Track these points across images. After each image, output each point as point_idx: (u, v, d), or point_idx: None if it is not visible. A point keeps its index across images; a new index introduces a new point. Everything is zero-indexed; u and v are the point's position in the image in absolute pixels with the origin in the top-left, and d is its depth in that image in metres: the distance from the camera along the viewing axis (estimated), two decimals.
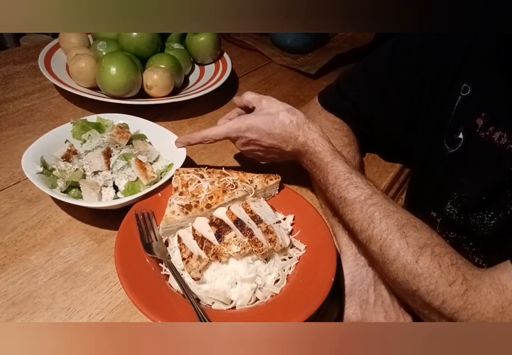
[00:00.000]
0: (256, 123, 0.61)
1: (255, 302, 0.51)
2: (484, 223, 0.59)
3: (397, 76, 0.69)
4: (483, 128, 0.58)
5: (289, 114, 0.62)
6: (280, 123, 0.61)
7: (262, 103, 0.64)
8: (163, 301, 0.47)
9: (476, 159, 0.59)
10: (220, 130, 0.63)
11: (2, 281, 0.54)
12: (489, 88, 0.58)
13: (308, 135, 0.61)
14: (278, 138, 0.62)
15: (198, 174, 0.61)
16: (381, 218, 0.51)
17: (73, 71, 0.85)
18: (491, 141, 0.57)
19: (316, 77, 1.14)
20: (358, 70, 0.78)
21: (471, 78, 0.60)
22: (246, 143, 0.64)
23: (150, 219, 0.57)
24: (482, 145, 0.58)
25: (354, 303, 0.55)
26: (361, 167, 0.75)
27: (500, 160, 0.56)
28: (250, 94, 0.66)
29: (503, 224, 0.56)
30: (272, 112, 0.62)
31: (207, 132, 0.63)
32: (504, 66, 0.56)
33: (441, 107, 0.65)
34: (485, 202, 0.58)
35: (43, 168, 0.61)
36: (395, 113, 0.71)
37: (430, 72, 0.65)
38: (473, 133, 0.59)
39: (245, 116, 0.64)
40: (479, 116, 0.58)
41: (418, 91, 0.67)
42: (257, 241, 0.51)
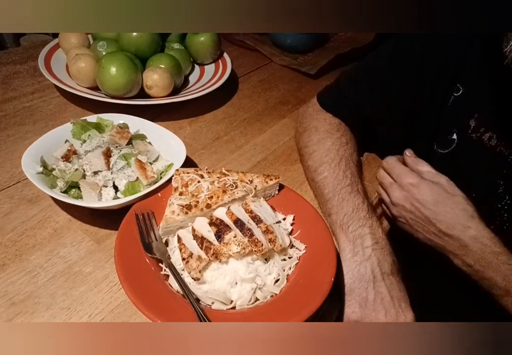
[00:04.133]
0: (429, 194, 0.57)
1: (255, 302, 0.51)
2: None
3: (398, 75, 0.69)
4: (474, 130, 0.58)
5: (465, 202, 0.56)
6: (454, 204, 0.56)
7: (441, 180, 0.58)
8: (163, 301, 0.47)
9: (468, 160, 0.60)
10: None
11: (2, 281, 0.54)
12: (480, 90, 0.58)
13: (482, 232, 0.55)
14: (441, 215, 0.56)
15: (198, 174, 0.61)
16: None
17: (73, 71, 0.85)
18: (481, 142, 0.57)
19: (316, 77, 1.14)
20: (359, 69, 0.78)
21: (465, 79, 0.60)
22: (405, 198, 0.59)
23: (150, 219, 0.57)
24: (473, 147, 0.58)
25: (354, 302, 0.55)
26: (359, 166, 0.75)
27: (490, 161, 0.57)
28: (425, 166, 0.60)
29: (498, 233, 0.57)
30: (449, 191, 0.57)
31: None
32: (496, 69, 0.56)
33: (436, 108, 0.65)
34: (475, 202, 0.59)
35: (43, 168, 0.61)
36: (396, 112, 0.71)
37: (430, 72, 0.65)
38: (465, 134, 0.59)
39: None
40: (472, 117, 0.59)
41: (418, 90, 0.67)
42: (257, 241, 0.51)
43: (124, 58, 0.82)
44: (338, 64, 1.17)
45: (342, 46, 1.27)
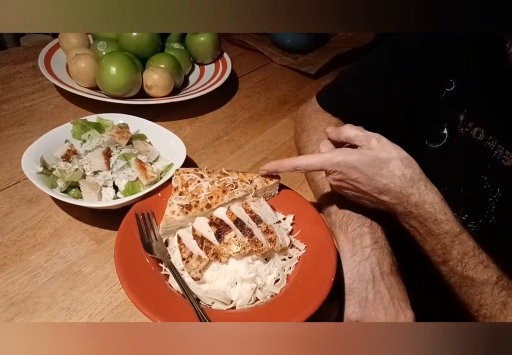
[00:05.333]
0: (359, 163, 0.52)
1: (255, 302, 0.51)
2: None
3: (398, 73, 0.69)
4: (463, 124, 0.59)
5: (402, 165, 0.52)
6: (389, 173, 0.52)
7: (371, 143, 0.53)
8: (163, 301, 0.47)
9: (457, 154, 0.60)
10: (315, 161, 0.54)
11: (2, 281, 0.54)
12: (471, 85, 0.59)
13: (425, 198, 0.52)
14: (381, 188, 0.53)
15: (198, 174, 0.61)
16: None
17: (73, 71, 0.85)
18: (469, 137, 0.57)
19: (316, 77, 1.14)
20: (358, 68, 0.78)
21: (457, 74, 0.61)
22: (340, 179, 0.55)
23: (150, 219, 0.57)
24: (462, 141, 0.59)
25: (354, 302, 0.55)
26: None
27: (477, 156, 0.57)
28: (352, 130, 0.55)
29: (484, 230, 0.57)
30: (382, 157, 0.52)
31: (299, 161, 0.55)
32: (487, 64, 0.56)
33: (429, 102, 0.65)
34: (461, 198, 0.59)
35: (43, 168, 0.61)
36: (396, 110, 0.72)
37: (429, 69, 0.65)
38: (455, 129, 0.60)
39: (348, 151, 0.54)
40: (461, 113, 0.59)
41: (418, 88, 0.67)
42: (257, 241, 0.51)
43: (124, 58, 0.82)
44: (338, 64, 1.17)
45: (342, 46, 1.28)
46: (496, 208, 0.56)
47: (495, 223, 0.56)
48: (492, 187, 0.56)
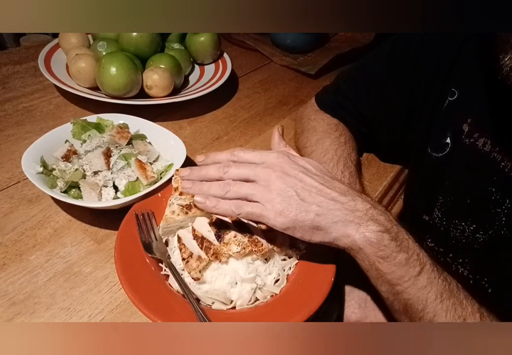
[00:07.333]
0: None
1: (255, 302, 0.51)
2: (465, 235, 0.59)
3: (396, 75, 0.69)
4: (468, 135, 0.58)
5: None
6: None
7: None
8: (163, 301, 0.47)
9: (462, 164, 0.59)
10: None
11: (2, 281, 0.54)
12: (474, 94, 0.58)
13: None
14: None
15: None
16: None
17: (73, 71, 0.85)
18: (475, 148, 0.57)
19: (316, 77, 1.14)
20: (357, 69, 0.78)
21: (459, 83, 0.60)
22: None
23: (150, 219, 0.57)
24: (467, 152, 0.58)
25: (353, 302, 0.55)
26: (358, 165, 0.75)
27: (484, 167, 0.56)
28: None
29: (493, 240, 0.56)
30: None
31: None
32: (489, 72, 0.55)
33: (430, 110, 0.65)
34: (468, 208, 0.58)
35: (43, 168, 0.61)
36: (394, 112, 0.71)
37: (426, 72, 0.65)
38: (459, 138, 0.59)
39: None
40: (465, 122, 0.58)
41: (415, 91, 0.67)
42: (257, 241, 0.51)
43: (124, 58, 0.82)
44: (338, 64, 1.17)
45: (342, 46, 1.27)
46: (506, 219, 0.55)
47: (507, 235, 0.56)
48: (501, 198, 0.55)
